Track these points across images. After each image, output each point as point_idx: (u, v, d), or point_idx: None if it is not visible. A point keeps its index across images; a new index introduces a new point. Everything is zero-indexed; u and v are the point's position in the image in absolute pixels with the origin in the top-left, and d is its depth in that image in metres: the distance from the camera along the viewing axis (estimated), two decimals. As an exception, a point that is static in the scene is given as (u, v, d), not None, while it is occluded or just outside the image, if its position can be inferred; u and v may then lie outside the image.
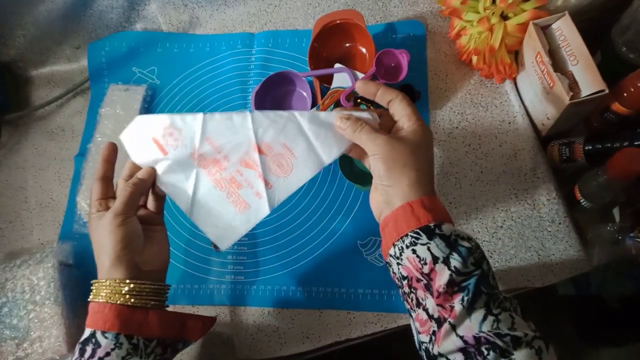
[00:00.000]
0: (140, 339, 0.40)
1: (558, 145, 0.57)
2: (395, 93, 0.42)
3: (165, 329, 0.42)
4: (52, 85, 0.76)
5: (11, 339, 0.57)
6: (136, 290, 0.41)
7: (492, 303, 0.34)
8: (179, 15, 0.74)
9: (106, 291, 0.40)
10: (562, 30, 0.54)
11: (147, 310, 0.41)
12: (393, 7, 0.69)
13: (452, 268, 0.34)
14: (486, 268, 0.36)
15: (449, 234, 0.36)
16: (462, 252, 0.35)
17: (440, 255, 0.35)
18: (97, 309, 0.40)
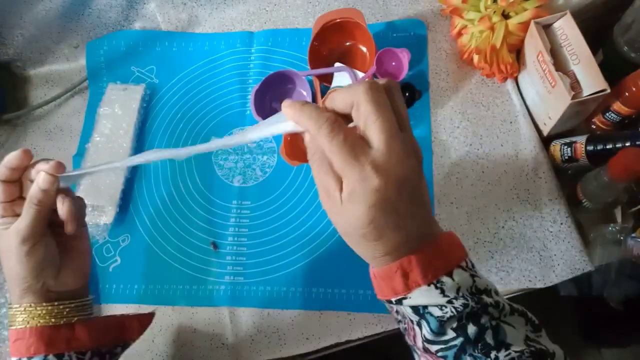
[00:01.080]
0: (72, 355, 0.38)
1: (560, 145, 0.56)
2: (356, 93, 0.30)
3: (98, 338, 0.40)
4: (51, 85, 0.75)
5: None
6: (55, 312, 0.38)
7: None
8: (178, 13, 0.74)
9: (22, 316, 0.38)
10: (564, 30, 0.53)
11: (73, 325, 0.39)
12: (394, 6, 0.69)
13: (422, 336, 0.31)
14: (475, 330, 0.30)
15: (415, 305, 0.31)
16: (430, 323, 0.30)
17: (414, 319, 0.32)
18: (17, 335, 0.37)
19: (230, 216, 0.62)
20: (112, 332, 0.42)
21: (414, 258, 0.30)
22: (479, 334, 0.30)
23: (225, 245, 0.61)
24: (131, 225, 0.64)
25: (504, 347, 0.29)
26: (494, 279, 0.54)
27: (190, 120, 0.68)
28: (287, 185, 0.62)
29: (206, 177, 0.65)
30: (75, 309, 0.40)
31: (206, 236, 0.62)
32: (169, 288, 0.60)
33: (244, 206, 0.62)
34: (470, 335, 0.30)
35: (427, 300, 0.30)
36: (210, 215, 0.63)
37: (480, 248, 0.56)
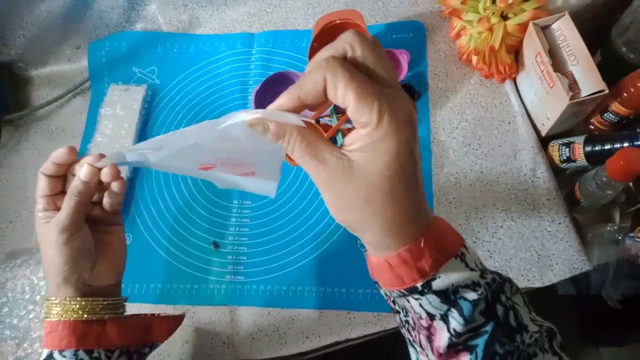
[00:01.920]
0: (101, 352, 0.38)
1: (558, 145, 0.57)
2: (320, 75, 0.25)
3: (127, 337, 0.40)
4: (53, 86, 0.76)
5: (11, 339, 0.57)
6: (88, 307, 0.39)
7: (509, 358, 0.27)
8: (179, 15, 0.74)
9: (57, 309, 0.38)
10: (562, 30, 0.54)
11: (104, 322, 0.39)
12: (393, 7, 0.69)
13: (450, 330, 0.27)
14: (502, 311, 0.27)
15: (445, 289, 0.27)
16: (463, 309, 0.26)
17: (436, 313, 0.27)
18: (51, 328, 0.38)
19: (231, 216, 0.63)
20: (141, 332, 0.42)
21: (434, 228, 0.27)
22: (505, 316, 0.27)
23: (226, 244, 0.61)
24: (132, 225, 0.64)
25: (524, 329, 0.27)
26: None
27: (192, 120, 0.69)
28: (288, 185, 0.63)
29: (207, 177, 0.65)
30: (108, 306, 0.40)
31: (207, 236, 0.62)
32: (170, 287, 0.60)
33: (244, 206, 0.63)
34: (500, 316, 0.27)
35: (457, 277, 0.26)
36: (211, 215, 0.63)
37: (479, 247, 0.56)
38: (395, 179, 0.25)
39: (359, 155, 0.26)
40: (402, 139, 0.25)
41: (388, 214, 0.26)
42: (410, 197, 0.26)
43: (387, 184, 0.25)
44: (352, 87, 0.24)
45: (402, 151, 0.25)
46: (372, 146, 0.25)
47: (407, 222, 0.27)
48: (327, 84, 0.25)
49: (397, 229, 0.27)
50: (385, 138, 0.25)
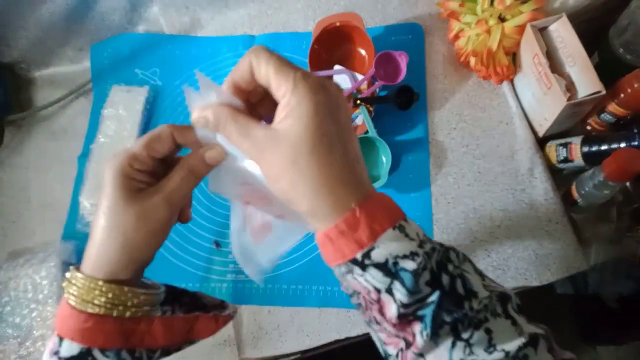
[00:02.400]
0: (143, 352, 0.34)
1: (555, 145, 0.57)
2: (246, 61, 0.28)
3: (171, 337, 0.36)
4: (55, 87, 0.76)
5: (14, 338, 0.57)
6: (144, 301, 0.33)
7: (460, 326, 0.27)
8: (180, 17, 0.75)
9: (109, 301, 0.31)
10: (560, 32, 0.54)
11: (152, 320, 0.34)
12: (392, 10, 0.70)
13: (397, 301, 0.27)
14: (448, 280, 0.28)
15: (383, 261, 0.27)
16: (405, 281, 0.27)
17: (381, 287, 0.27)
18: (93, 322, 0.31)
19: (232, 216, 0.63)
20: (184, 332, 0.37)
21: (372, 197, 0.28)
22: (451, 284, 0.28)
23: (228, 243, 0.62)
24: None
25: (473, 295, 0.28)
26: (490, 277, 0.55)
27: (193, 121, 0.69)
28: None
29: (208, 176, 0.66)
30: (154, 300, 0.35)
31: (209, 235, 0.63)
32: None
33: (245, 206, 0.63)
34: (446, 286, 0.27)
35: (396, 247, 0.27)
36: (213, 214, 0.64)
37: (477, 247, 0.57)
38: (316, 138, 0.27)
39: (282, 123, 0.27)
40: (317, 101, 0.27)
41: (315, 174, 0.27)
42: (335, 156, 0.28)
43: (309, 144, 0.27)
44: (272, 62, 0.27)
45: (319, 112, 0.27)
46: (291, 112, 0.27)
47: (336, 183, 0.28)
48: (253, 66, 0.28)
49: (328, 190, 0.28)
50: (302, 102, 0.27)
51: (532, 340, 0.27)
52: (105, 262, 0.32)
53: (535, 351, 0.27)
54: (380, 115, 0.64)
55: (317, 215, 0.28)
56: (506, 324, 0.28)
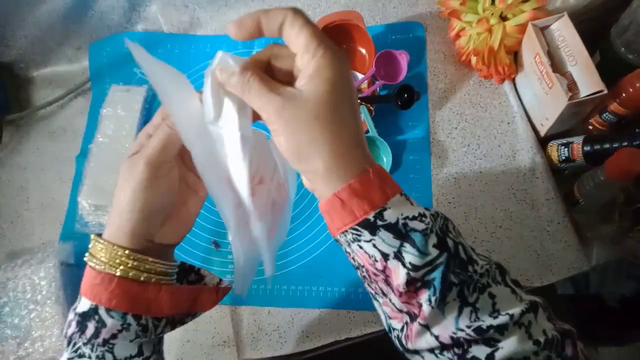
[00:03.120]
0: (149, 319, 0.34)
1: (557, 145, 0.57)
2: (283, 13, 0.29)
3: (176, 307, 0.36)
4: (54, 86, 0.76)
5: (12, 338, 0.57)
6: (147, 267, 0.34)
7: (466, 290, 0.28)
8: (179, 16, 0.74)
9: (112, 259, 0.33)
10: (561, 31, 0.54)
11: (160, 288, 0.34)
12: (392, 8, 0.70)
13: (407, 265, 0.27)
14: (452, 244, 0.29)
15: (395, 221, 0.28)
16: (416, 241, 0.28)
17: (390, 251, 0.28)
18: (100, 279, 0.33)
19: (232, 216, 0.63)
20: (190, 301, 0.38)
21: (379, 166, 0.30)
22: (455, 248, 0.29)
23: (227, 244, 0.62)
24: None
25: (474, 261, 0.29)
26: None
27: (192, 121, 0.69)
28: (288, 185, 0.63)
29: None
30: (163, 270, 0.35)
31: (208, 235, 0.63)
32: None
33: (245, 206, 0.63)
34: (451, 248, 0.28)
35: (406, 209, 0.28)
36: (212, 214, 0.63)
37: (478, 247, 0.57)
38: (339, 100, 0.29)
39: (307, 83, 0.29)
40: (342, 70, 0.29)
41: (336, 131, 0.29)
42: (353, 121, 0.29)
43: (333, 103, 0.28)
44: (308, 27, 0.29)
45: (343, 78, 0.29)
46: (320, 73, 0.28)
47: (353, 145, 0.29)
48: (286, 21, 0.29)
49: (345, 151, 0.29)
50: (330, 66, 0.28)
51: (532, 306, 0.28)
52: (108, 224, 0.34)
53: (535, 318, 0.28)
54: (381, 115, 0.63)
55: (331, 175, 0.29)
56: (506, 291, 0.29)
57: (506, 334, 0.27)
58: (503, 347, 0.27)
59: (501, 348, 0.27)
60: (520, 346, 0.27)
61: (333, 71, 0.28)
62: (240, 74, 0.30)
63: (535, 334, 0.27)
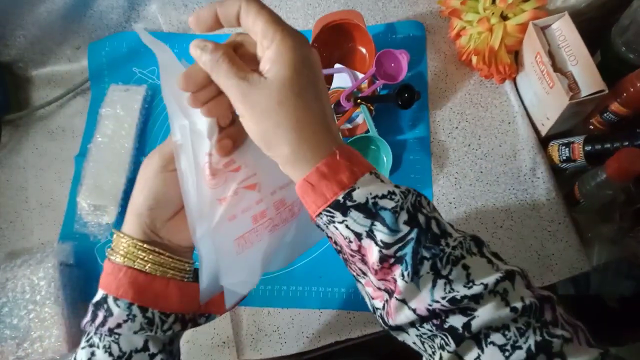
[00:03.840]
0: (155, 313, 0.34)
1: (558, 145, 0.57)
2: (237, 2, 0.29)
3: (186, 304, 0.36)
4: (53, 86, 0.76)
5: (12, 339, 0.57)
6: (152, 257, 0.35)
7: (439, 263, 0.28)
8: (179, 15, 0.74)
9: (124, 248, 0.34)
10: (562, 31, 0.54)
11: (167, 281, 0.35)
12: (393, 8, 0.69)
13: (379, 243, 0.28)
14: (424, 219, 0.29)
15: (364, 201, 0.29)
16: (386, 219, 0.28)
17: (362, 230, 0.29)
18: (112, 269, 0.34)
19: (231, 216, 0.63)
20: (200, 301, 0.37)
21: (347, 147, 0.30)
22: (427, 224, 0.29)
23: (226, 244, 0.61)
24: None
25: (447, 235, 0.30)
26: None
27: (192, 120, 0.69)
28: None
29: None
30: (174, 266, 0.36)
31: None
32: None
33: (244, 206, 0.63)
34: (422, 224, 0.29)
35: (375, 188, 0.29)
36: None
37: (479, 247, 0.56)
38: (302, 84, 0.29)
39: (270, 68, 0.29)
40: (303, 52, 0.29)
41: (300, 116, 0.29)
42: (318, 104, 0.30)
43: (296, 87, 0.29)
44: (263, 12, 0.29)
45: (305, 62, 0.29)
46: (280, 58, 0.29)
47: (319, 129, 0.30)
48: (241, 11, 0.29)
49: (311, 135, 0.29)
50: (290, 51, 0.29)
51: (508, 275, 0.29)
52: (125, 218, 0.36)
53: (512, 285, 0.28)
54: (381, 115, 0.63)
55: (298, 159, 0.30)
56: (482, 262, 0.30)
57: (482, 303, 0.28)
58: (479, 315, 0.27)
59: (477, 316, 0.27)
60: (496, 313, 0.27)
61: (293, 56, 0.29)
62: (211, 52, 0.30)
63: (512, 301, 0.28)
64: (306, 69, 0.29)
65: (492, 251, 0.32)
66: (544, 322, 0.28)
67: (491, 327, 0.28)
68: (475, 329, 0.27)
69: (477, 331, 0.28)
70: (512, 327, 0.27)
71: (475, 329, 0.27)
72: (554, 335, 0.27)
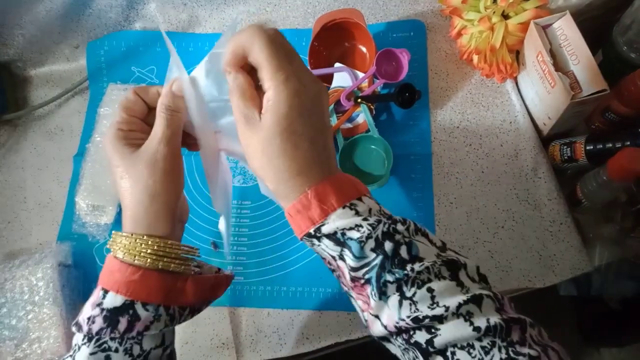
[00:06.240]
0: (175, 309, 0.36)
1: (559, 145, 0.57)
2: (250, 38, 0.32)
3: (199, 297, 0.38)
4: (51, 85, 0.75)
5: (10, 340, 0.57)
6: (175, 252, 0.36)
7: (404, 286, 0.31)
8: (178, 14, 0.74)
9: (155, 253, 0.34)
10: (563, 30, 0.53)
11: (186, 278, 0.36)
12: (393, 6, 0.69)
13: (348, 266, 0.32)
14: (391, 246, 0.31)
15: (333, 232, 0.32)
16: (352, 248, 0.31)
17: (335, 254, 0.33)
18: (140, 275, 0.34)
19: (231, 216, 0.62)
20: (208, 292, 0.39)
21: (327, 183, 0.33)
22: (394, 250, 0.31)
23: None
24: (132, 225, 0.64)
25: (418, 260, 0.31)
26: (493, 279, 0.54)
27: (191, 120, 0.68)
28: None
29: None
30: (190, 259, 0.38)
31: (206, 236, 0.62)
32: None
33: (244, 206, 0.63)
34: (388, 251, 0.31)
35: (343, 222, 0.32)
36: (211, 215, 0.63)
37: (480, 248, 0.56)
38: (284, 136, 0.32)
39: (265, 110, 0.32)
40: (292, 104, 0.32)
41: (279, 164, 0.32)
42: (300, 152, 0.32)
43: (277, 139, 0.32)
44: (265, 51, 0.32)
45: (292, 113, 0.32)
46: (270, 108, 0.32)
47: (297, 173, 0.33)
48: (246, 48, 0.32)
49: (288, 177, 0.33)
50: (280, 102, 0.32)
51: (473, 299, 0.30)
52: (140, 217, 0.35)
53: (479, 308, 0.30)
54: (382, 114, 0.63)
55: (279, 195, 0.34)
56: (450, 285, 0.31)
57: (444, 322, 0.29)
58: (441, 334, 0.29)
59: (440, 334, 0.29)
60: (459, 332, 0.29)
61: (283, 108, 0.31)
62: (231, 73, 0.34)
63: (476, 322, 0.29)
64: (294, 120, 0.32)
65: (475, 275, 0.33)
66: (510, 342, 0.29)
67: (456, 345, 0.29)
68: (439, 345, 0.29)
69: (442, 348, 0.29)
70: (476, 345, 0.29)
71: (438, 345, 0.29)
72: (519, 353, 0.28)
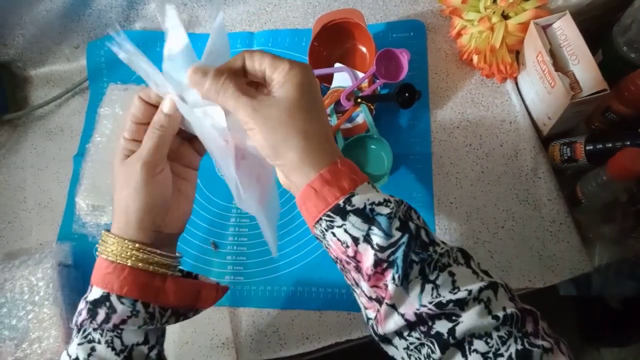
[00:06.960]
0: (156, 308, 0.37)
1: (559, 145, 0.57)
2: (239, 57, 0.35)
3: (181, 298, 0.39)
4: (51, 85, 0.76)
5: (10, 340, 0.57)
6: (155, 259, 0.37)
7: (427, 268, 0.31)
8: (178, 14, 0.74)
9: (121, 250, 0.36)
10: (563, 30, 0.53)
11: (165, 277, 0.38)
12: (393, 6, 0.69)
13: (374, 246, 0.31)
14: (414, 227, 0.32)
15: (362, 207, 0.31)
16: (382, 224, 0.31)
17: (360, 235, 0.31)
18: (112, 269, 0.36)
19: (231, 216, 0.62)
20: (192, 296, 0.40)
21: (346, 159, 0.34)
22: (417, 231, 0.32)
23: (226, 245, 0.61)
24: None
25: (435, 244, 0.32)
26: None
27: (191, 120, 0.68)
28: (287, 185, 0.63)
29: (207, 176, 0.65)
30: (166, 263, 0.38)
31: (206, 236, 0.62)
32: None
33: (244, 206, 0.63)
34: (413, 230, 0.32)
35: (373, 195, 0.32)
36: (211, 215, 0.63)
37: (480, 248, 0.56)
38: (309, 102, 0.34)
39: (279, 88, 0.34)
40: (308, 77, 0.34)
41: (308, 128, 0.33)
42: (321, 119, 0.35)
43: (304, 104, 0.33)
44: (266, 55, 0.34)
45: (310, 84, 0.34)
46: (288, 80, 0.33)
47: (323, 140, 0.34)
48: (245, 61, 0.35)
49: (316, 144, 0.33)
50: (297, 75, 0.34)
51: (491, 285, 0.30)
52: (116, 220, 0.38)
53: (495, 295, 0.30)
54: (382, 114, 0.63)
55: (304, 166, 0.33)
56: (467, 272, 0.32)
57: (466, 309, 0.29)
58: (463, 321, 0.29)
59: (462, 322, 0.29)
60: (479, 320, 0.29)
61: (299, 79, 0.34)
62: (213, 79, 0.34)
63: (495, 310, 0.29)
64: (310, 90, 0.34)
65: (479, 267, 0.33)
66: (525, 333, 0.29)
67: (474, 335, 0.29)
68: (460, 334, 0.29)
69: (462, 338, 0.29)
70: (494, 335, 0.29)
71: (459, 334, 0.29)
72: (534, 345, 0.28)
